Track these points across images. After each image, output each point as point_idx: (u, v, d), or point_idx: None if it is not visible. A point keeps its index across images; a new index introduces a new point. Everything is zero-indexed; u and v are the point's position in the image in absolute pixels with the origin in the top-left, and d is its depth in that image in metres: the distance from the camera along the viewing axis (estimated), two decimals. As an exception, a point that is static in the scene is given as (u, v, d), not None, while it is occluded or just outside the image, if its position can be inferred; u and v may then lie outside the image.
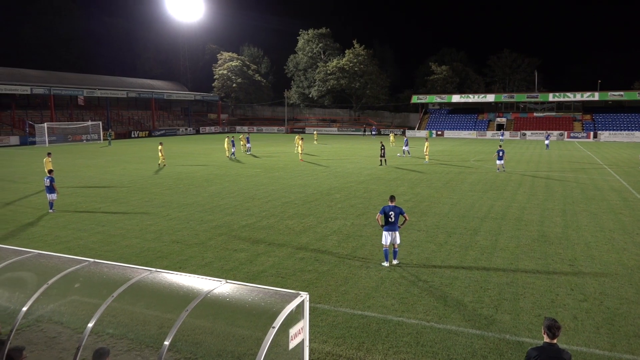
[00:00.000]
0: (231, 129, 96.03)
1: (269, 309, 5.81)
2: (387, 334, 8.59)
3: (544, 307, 9.71)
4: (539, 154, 46.26)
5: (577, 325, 8.92)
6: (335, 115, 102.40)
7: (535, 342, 8.25)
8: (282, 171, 31.48)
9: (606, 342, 8.30)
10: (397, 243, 12.33)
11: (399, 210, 12.26)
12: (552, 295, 10.34)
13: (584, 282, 11.11)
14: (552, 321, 5.39)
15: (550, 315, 9.32)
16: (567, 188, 24.69)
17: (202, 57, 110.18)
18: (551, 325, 5.34)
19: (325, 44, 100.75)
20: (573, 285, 10.92)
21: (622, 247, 14.02)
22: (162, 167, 33.39)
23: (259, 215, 18.06)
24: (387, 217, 12.19)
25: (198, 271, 11.63)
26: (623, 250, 13.64)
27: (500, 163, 31.31)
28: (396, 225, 12.19)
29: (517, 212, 18.88)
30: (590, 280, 11.28)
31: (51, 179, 18.92)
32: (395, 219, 12.16)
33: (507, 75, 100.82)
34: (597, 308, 9.69)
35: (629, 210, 19.26)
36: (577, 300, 10.07)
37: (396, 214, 12.18)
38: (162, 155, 34.66)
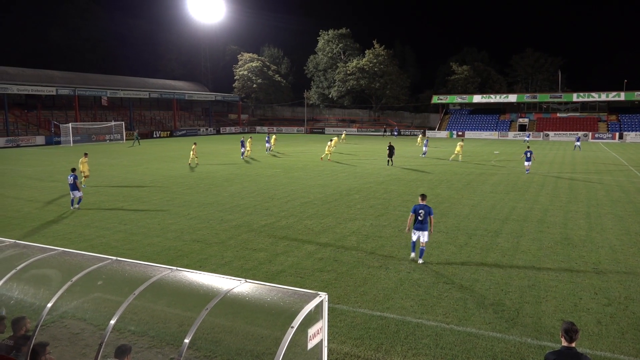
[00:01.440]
0: (251, 129, 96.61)
1: (287, 309, 5.83)
2: (406, 336, 8.54)
3: (567, 311, 9.54)
4: (562, 155, 45.44)
5: (601, 330, 8.74)
6: (355, 115, 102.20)
7: (558, 347, 8.10)
8: (302, 171, 31.54)
9: (632, 347, 8.12)
10: (423, 241, 12.45)
11: (428, 210, 12.47)
12: (575, 299, 10.15)
13: (608, 286, 10.88)
14: (570, 324, 5.28)
15: (573, 319, 9.15)
16: (591, 190, 24.21)
17: (223, 58, 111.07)
18: (569, 329, 5.23)
19: (345, 44, 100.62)
20: (597, 289, 10.70)
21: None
22: (194, 166, 34.06)
23: (279, 215, 18.13)
24: (417, 216, 12.46)
25: (218, 270, 11.72)
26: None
27: (528, 164, 30.78)
28: (425, 224, 12.36)
29: (540, 214, 18.59)
30: (615, 284, 11.04)
31: (74, 176, 19.32)
32: (424, 218, 12.38)
33: (530, 75, 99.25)
34: (622, 313, 9.48)
35: (656, 213, 18.80)
36: (601, 305, 9.87)
37: (425, 213, 12.41)
38: (194, 155, 35.38)
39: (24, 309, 7.27)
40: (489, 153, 46.89)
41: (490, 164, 36.89)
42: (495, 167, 34.30)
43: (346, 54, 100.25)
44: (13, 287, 7.26)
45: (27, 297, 7.45)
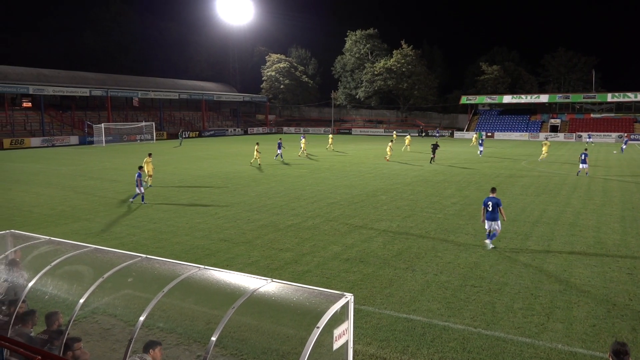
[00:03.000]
0: (278, 130, 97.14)
1: (313, 309, 5.83)
2: (432, 339, 8.45)
3: (600, 317, 9.29)
4: (595, 156, 44.23)
5: (636, 338, 8.47)
6: (382, 116, 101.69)
7: (589, 354, 7.91)
8: (328, 172, 31.56)
9: (668, 356, 7.85)
10: (495, 229, 13.83)
11: (496, 201, 13.75)
12: (609, 305, 9.86)
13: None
14: (620, 345, 4.81)
15: (606, 325, 8.91)
16: (626, 193, 23.50)
17: (251, 59, 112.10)
18: (618, 350, 4.77)
19: (373, 44, 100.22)
20: (632, 295, 10.38)
21: (687, 256, 13.21)
22: (256, 166, 34.62)
23: (305, 216, 18.18)
24: (486, 207, 13.82)
25: (244, 269, 11.83)
26: (688, 260, 12.85)
27: (584, 167, 29.40)
28: (495, 214, 13.68)
29: (572, 217, 18.14)
30: (651, 290, 10.69)
31: (139, 174, 20.68)
32: (493, 209, 13.67)
33: (562, 75, 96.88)
34: (658, 320, 9.18)
35: (695, 217, 18.12)
36: (636, 311, 9.57)
37: (493, 204, 13.70)
38: (258, 154, 35.51)
39: (58, 304, 7.48)
40: (518, 154, 45.99)
41: (520, 166, 36.18)
42: (524, 169, 33.62)
43: (374, 54, 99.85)
44: (47, 283, 7.48)
45: (61, 292, 7.65)
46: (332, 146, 50.70)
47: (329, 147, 50.44)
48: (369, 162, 38.28)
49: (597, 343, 8.27)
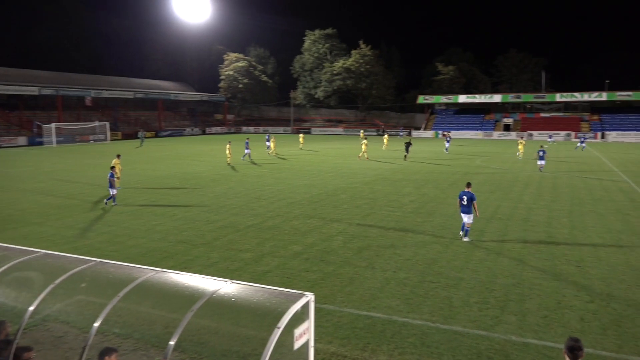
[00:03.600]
0: (237, 130, 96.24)
1: (274, 309, 5.82)
2: (392, 335, 8.58)
3: (551, 309, 9.67)
4: (552, 155, 45.90)
5: (584, 327, 8.87)
6: (341, 115, 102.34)
7: (541, 344, 8.22)
8: (288, 172, 31.52)
9: (613, 343, 8.25)
10: (467, 223, 14.50)
11: (470, 196, 14.46)
12: (559, 297, 10.28)
13: (591, 284, 11.05)
14: (574, 341, 4.97)
15: (556, 317, 9.29)
16: (574, 189, 24.55)
17: (209, 58, 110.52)
18: (573, 347, 4.93)
19: (332, 44, 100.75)
20: (580, 287, 10.86)
21: (629, 248, 13.92)
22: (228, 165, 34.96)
23: (265, 216, 18.09)
24: (461, 201, 14.54)
25: (204, 271, 11.66)
26: (631, 252, 13.54)
27: (541, 163, 31.50)
28: (469, 208, 14.37)
29: (524, 212, 18.80)
30: (597, 281, 11.21)
31: (110, 174, 20.22)
32: (467, 203, 14.38)
33: (514, 76, 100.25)
34: (604, 310, 9.63)
35: (637, 211, 19.12)
36: (584, 302, 10.01)
37: (468, 199, 14.41)
38: (230, 154, 35.87)
39: (6, 313, 7.16)
40: (473, 153, 47.29)
41: (475, 164, 37.21)
42: (480, 167, 34.60)
43: (332, 54, 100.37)
44: (-6, 291, 7.15)
45: (9, 300, 7.34)
46: (302, 145, 52.12)
47: (301, 146, 51.70)
48: (329, 161, 38.48)
49: (548, 334, 8.61)
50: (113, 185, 20.18)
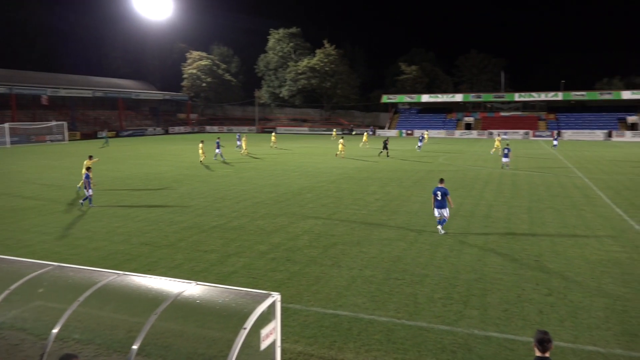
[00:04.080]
0: (201, 129, 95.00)
1: (240, 310, 5.78)
2: (358, 332, 8.64)
3: (511, 302, 9.95)
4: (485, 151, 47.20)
5: (543, 319, 9.17)
6: (306, 115, 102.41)
7: (502, 337, 8.45)
8: (253, 171, 31.32)
9: (570, 334, 8.55)
10: (444, 216, 15.29)
11: (444, 191, 15.15)
12: (519, 290, 10.59)
13: (548, 277, 11.43)
14: (543, 334, 5.11)
15: (517, 310, 9.56)
16: (532, 186, 25.32)
17: (171, 56, 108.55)
18: (542, 339, 5.07)
19: (296, 43, 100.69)
20: (538, 280, 11.21)
21: (584, 242, 14.47)
22: (200, 163, 35.25)
23: (230, 216, 17.92)
24: (435, 196, 15.16)
25: (168, 273, 11.46)
26: (585, 245, 14.08)
27: (506, 160, 32.54)
28: (443, 202, 15.09)
29: (485, 209, 19.27)
30: (555, 275, 11.61)
31: (86, 175, 19.80)
32: (442, 198, 15.05)
33: (475, 76, 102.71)
34: (561, 302, 9.98)
35: (591, 206, 19.89)
36: (543, 295, 10.35)
37: (442, 194, 15.07)
38: (203, 153, 35.86)
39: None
40: (436, 151, 48.14)
41: (438, 162, 37.91)
42: (443, 165, 35.26)
43: (297, 53, 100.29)
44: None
45: (-40, 308, 7.02)
46: (275, 144, 53.06)
47: (273, 144, 52.63)
48: (295, 160, 38.45)
49: (509, 326, 8.86)
50: (88, 186, 19.75)
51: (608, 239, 14.83)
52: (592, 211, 18.96)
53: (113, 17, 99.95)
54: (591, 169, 33.04)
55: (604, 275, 11.52)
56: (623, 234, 15.46)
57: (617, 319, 9.14)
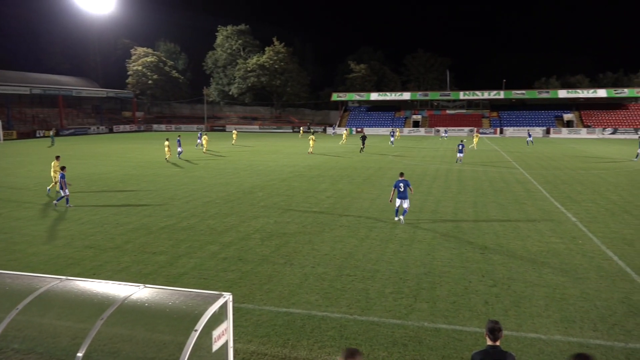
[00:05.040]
0: (147, 128, 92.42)
1: (190, 312, 5.68)
2: (311, 330, 8.68)
3: (459, 294, 10.27)
4: (452, 149, 48.73)
5: (488, 310, 9.52)
6: (257, 112, 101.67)
7: (451, 328, 8.72)
8: (203, 170, 30.78)
9: (514, 323, 8.93)
10: (405, 207, 16.33)
11: (406, 183, 16.19)
12: (466, 283, 10.95)
13: (493, 269, 11.88)
14: (494, 323, 5.33)
15: (464, 302, 9.88)
16: (477, 181, 26.23)
17: (115, 53, 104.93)
18: (493, 328, 5.28)
19: (245, 40, 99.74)
20: (484, 272, 11.64)
21: (526, 234, 15.14)
22: (166, 161, 35.64)
23: (179, 216, 17.54)
24: (398, 189, 16.18)
25: (114, 277, 11.09)
26: (527, 238, 14.73)
27: (460, 155, 35.07)
28: (405, 193, 16.18)
29: (433, 205, 19.79)
30: (499, 266, 12.08)
31: (62, 175, 19.20)
32: (404, 189, 16.16)
33: (422, 74, 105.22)
34: (505, 292, 10.40)
35: (532, 200, 20.83)
36: (488, 286, 10.75)
37: (404, 186, 16.12)
38: (168, 151, 36.19)
39: None
40: (386, 148, 48.97)
41: (387, 159, 38.58)
42: (392, 162, 35.92)
43: (246, 50, 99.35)
44: None
45: None
46: (235, 142, 54.14)
47: (233, 142, 53.51)
48: (246, 159, 38.08)
49: (457, 318, 9.15)
50: (64, 186, 19.14)
51: (547, 231, 15.59)
52: (533, 205, 19.85)
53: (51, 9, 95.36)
54: (531, 164, 34.60)
55: (544, 266, 12.10)
56: (561, 225, 16.30)
57: (556, 307, 9.63)
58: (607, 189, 23.58)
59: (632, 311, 9.45)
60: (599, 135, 73.63)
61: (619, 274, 11.58)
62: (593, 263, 12.35)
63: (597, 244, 14.06)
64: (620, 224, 16.51)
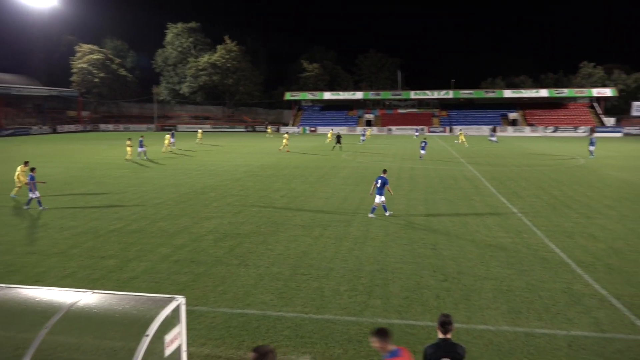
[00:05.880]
0: (94, 128, 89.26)
1: (142, 317, 5.54)
2: (267, 330, 8.65)
3: (411, 289, 10.50)
4: (404, 147, 49.68)
5: (439, 304, 9.78)
6: (209, 112, 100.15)
7: (404, 323, 8.90)
8: (153, 171, 30.03)
9: (464, 315, 9.21)
10: (376, 201, 17.13)
11: (384, 180, 16.93)
12: (418, 278, 11.21)
13: (444, 264, 12.21)
14: (445, 317, 5.51)
15: (416, 297, 10.11)
16: (428, 179, 26.86)
17: (58, 49, 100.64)
18: (444, 322, 5.47)
19: (196, 38, 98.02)
20: (435, 267, 11.94)
21: (474, 229, 15.64)
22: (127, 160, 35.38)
23: (129, 219, 17.03)
24: (376, 184, 17.00)
25: (59, 283, 10.66)
26: (475, 233, 15.23)
27: (423, 153, 37.44)
28: (382, 190, 16.95)
29: (386, 202, 20.08)
30: (449, 261, 12.42)
31: (31, 177, 18.74)
32: (381, 186, 16.90)
33: (374, 74, 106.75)
34: (455, 286, 10.71)
35: (480, 196, 21.54)
36: (439, 281, 11.04)
37: (382, 183, 16.86)
38: (130, 150, 36.07)
39: None
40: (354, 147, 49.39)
41: (341, 158, 38.90)
42: (346, 161, 36.24)
43: (197, 48, 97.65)
44: None
45: None
46: (201, 140, 54.02)
47: (198, 141, 53.44)
48: (197, 158, 37.44)
49: (409, 313, 9.35)
50: (34, 188, 18.66)
51: (495, 225, 16.16)
52: (481, 200, 20.53)
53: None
54: (479, 161, 35.78)
55: (492, 259, 12.55)
56: (507, 220, 16.94)
57: (504, 299, 10.01)
58: (550, 185, 24.70)
59: (573, 300, 9.95)
60: (541, 133, 76.98)
61: (560, 265, 12.16)
62: (537, 255, 12.91)
63: (540, 237, 14.71)
64: (561, 218, 17.33)
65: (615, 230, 15.67)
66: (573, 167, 32.50)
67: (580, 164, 34.75)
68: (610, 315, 9.26)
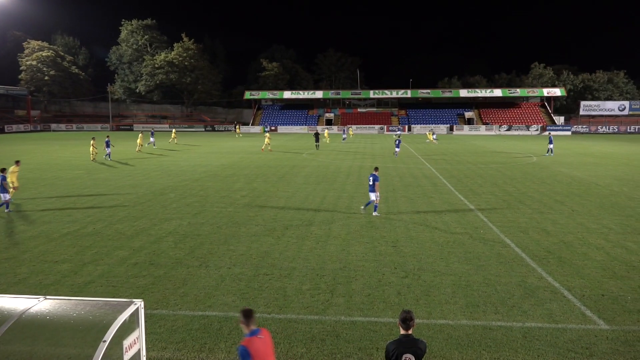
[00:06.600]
0: (45, 127, 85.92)
1: (98, 322, 5.39)
2: (229, 332, 8.55)
3: (373, 287, 10.61)
4: (364, 146, 50.17)
5: (401, 300, 9.93)
6: (166, 111, 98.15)
7: (366, 320, 8.98)
8: (109, 172, 29.18)
9: (424, 311, 9.39)
10: (372, 199, 17.31)
11: (374, 177, 17.14)
12: (379, 275, 11.34)
13: (405, 261, 12.40)
14: (406, 314, 5.58)
15: (378, 294, 10.23)
16: (388, 177, 27.21)
17: (4, 46, 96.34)
18: (405, 318, 5.54)
19: (152, 36, 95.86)
20: (396, 264, 12.11)
21: (433, 226, 15.96)
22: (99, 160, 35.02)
23: (84, 221, 16.48)
24: (369, 181, 17.29)
25: (9, 290, 10.20)
26: (435, 229, 15.54)
27: (397, 150, 39.15)
28: (373, 187, 17.13)
29: (347, 201, 20.25)
30: (410, 258, 12.63)
31: (3, 177, 17.87)
32: (372, 183, 17.14)
33: (333, 73, 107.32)
34: (416, 282, 10.90)
35: (438, 194, 22.00)
36: (400, 277, 11.20)
37: (373, 180, 17.12)
38: (94, 150, 35.56)
39: None
40: (300, 147, 49.36)
41: (301, 157, 38.91)
42: (307, 160, 36.28)
43: (153, 46, 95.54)
44: None
45: None
46: (175, 139, 53.20)
47: (172, 140, 52.72)
48: (155, 158, 36.63)
49: (372, 310, 9.44)
50: (6, 190, 17.95)
51: (453, 222, 16.54)
52: (440, 198, 20.97)
53: None
54: (437, 159, 36.53)
55: (451, 255, 12.84)
56: (464, 217, 17.37)
57: (462, 294, 10.26)
58: (504, 182, 25.49)
59: (527, 293, 10.31)
60: (496, 131, 79.35)
61: (515, 259, 12.57)
62: (493, 250, 13.30)
63: (496, 233, 15.16)
64: (516, 214, 17.92)
65: (566, 224, 16.33)
66: (526, 165, 33.66)
67: (532, 161, 36.03)
68: (562, 307, 9.64)
